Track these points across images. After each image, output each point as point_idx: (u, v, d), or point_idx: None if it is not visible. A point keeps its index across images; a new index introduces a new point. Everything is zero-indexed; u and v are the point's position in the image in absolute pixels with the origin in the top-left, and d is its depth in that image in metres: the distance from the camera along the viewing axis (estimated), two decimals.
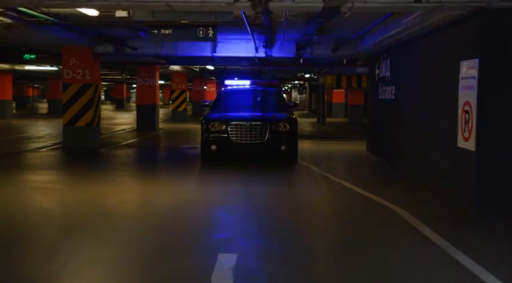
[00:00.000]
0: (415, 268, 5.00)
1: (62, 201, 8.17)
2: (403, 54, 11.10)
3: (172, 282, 4.63)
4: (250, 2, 6.69)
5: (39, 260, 5.15)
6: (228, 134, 11.27)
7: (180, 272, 4.83)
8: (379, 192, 8.50)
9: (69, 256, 5.22)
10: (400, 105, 11.39)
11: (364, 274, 4.85)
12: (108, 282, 4.68)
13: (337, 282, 4.71)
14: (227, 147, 11.38)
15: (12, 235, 6.06)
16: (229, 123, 11.35)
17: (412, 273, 4.85)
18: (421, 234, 6.10)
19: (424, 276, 4.78)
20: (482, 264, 4.94)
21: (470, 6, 6.85)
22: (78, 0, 6.77)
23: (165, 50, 14.49)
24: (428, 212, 7.26)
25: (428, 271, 4.89)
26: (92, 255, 5.32)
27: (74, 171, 11.39)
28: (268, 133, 11.25)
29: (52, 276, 4.73)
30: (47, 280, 4.64)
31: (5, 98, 31.51)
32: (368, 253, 5.48)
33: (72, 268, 4.92)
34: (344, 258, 5.40)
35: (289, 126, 11.53)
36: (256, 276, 4.77)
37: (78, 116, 15.25)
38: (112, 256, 5.30)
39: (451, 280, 4.69)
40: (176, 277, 4.71)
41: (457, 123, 7.72)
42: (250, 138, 11.26)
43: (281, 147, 11.31)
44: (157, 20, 8.42)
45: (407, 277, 4.77)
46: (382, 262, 5.19)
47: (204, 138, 11.56)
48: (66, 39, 13.19)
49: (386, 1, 6.75)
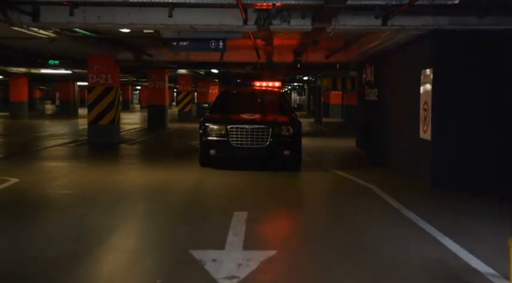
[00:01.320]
0: (376, 219, 7.04)
1: (106, 180, 10.22)
2: (383, 63, 13.16)
3: (205, 224, 6.66)
4: (256, 25, 8.74)
5: (113, 212, 7.21)
6: (227, 138, 10.83)
7: (210, 220, 6.88)
8: (359, 174, 10.59)
9: (129, 209, 7.28)
10: (380, 105, 13.45)
11: (340, 223, 6.89)
12: (159, 224, 6.71)
13: (322, 224, 6.76)
14: (227, 152, 10.93)
15: (87, 200, 8.11)
16: (229, 126, 10.89)
17: (374, 223, 6.88)
18: (384, 201, 8.14)
19: (381, 225, 6.80)
20: (422, 216, 6.97)
21: (425, 29, 8.90)
22: (123, 23, 8.83)
23: (179, 57, 16.47)
24: (394, 187, 9.31)
25: (385, 222, 6.91)
26: (143, 208, 7.39)
27: (107, 160, 13.43)
28: (270, 137, 10.78)
29: (122, 222, 6.78)
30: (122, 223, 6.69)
31: (22, 99, 33.58)
32: (345, 212, 7.54)
33: (134, 216, 6.98)
34: (328, 212, 7.46)
35: (293, 130, 11.05)
36: (262, 223, 6.81)
37: (101, 115, 17.30)
38: (156, 210, 7.38)
39: (398, 227, 6.72)
40: (208, 222, 6.75)
41: (419, 119, 9.78)
42: (251, 143, 10.81)
43: (284, 152, 10.83)
44: (180, 37, 10.48)
45: (370, 225, 6.80)
46: (354, 216, 7.24)
47: (203, 142, 11.16)
48: (94, 49, 15.24)
49: (360, 24, 8.79)
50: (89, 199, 8.27)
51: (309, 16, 8.57)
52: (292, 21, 8.69)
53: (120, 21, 8.65)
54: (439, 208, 7.65)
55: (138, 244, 5.96)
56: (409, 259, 5.29)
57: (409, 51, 10.61)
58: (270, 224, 6.92)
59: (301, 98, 56.10)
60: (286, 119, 11.52)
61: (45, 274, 4.76)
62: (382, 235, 6.25)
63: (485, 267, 4.93)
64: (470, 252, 5.40)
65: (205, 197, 8.73)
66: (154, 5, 7.94)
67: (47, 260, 5.13)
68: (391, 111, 12.32)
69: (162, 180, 10.16)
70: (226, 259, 5.14)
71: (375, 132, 14.00)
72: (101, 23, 8.85)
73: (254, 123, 10.93)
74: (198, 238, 5.97)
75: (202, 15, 8.45)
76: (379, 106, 13.62)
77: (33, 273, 4.77)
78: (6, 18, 8.56)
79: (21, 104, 33.49)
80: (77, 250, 5.52)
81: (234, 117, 11.26)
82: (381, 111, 13.35)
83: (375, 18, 8.27)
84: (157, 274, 4.78)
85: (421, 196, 8.59)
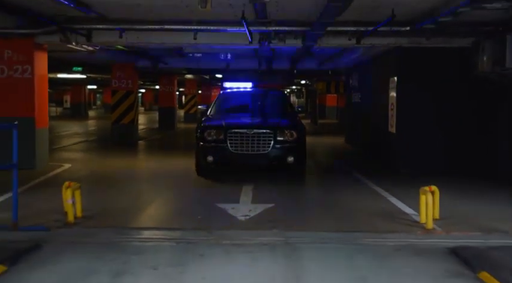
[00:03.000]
0: (350, 189, 9.58)
1: (139, 164, 12.76)
2: (364, 70, 15.73)
3: (224, 192, 9.18)
4: (259, 43, 11.28)
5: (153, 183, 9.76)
6: (226, 144, 10.12)
7: (226, 189, 9.41)
8: (342, 162, 13.14)
9: (164, 182, 9.84)
10: (362, 106, 16.01)
11: (323, 191, 9.44)
12: (190, 191, 9.22)
13: (309, 192, 9.30)
14: (225, 159, 10.23)
15: (128, 176, 10.65)
16: (228, 131, 10.17)
17: (348, 191, 9.42)
18: (360, 180, 10.66)
19: (353, 192, 9.32)
20: (382, 187, 9.51)
21: (390, 46, 11.45)
22: (157, 42, 11.37)
23: (191, 64, 18.99)
24: (368, 169, 11.85)
25: (356, 191, 9.44)
26: (173, 182, 9.94)
27: (133, 152, 16.00)
28: (272, 142, 10.11)
29: (162, 190, 9.33)
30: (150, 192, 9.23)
31: None
32: (331, 188, 10.09)
33: (169, 186, 9.53)
34: (314, 184, 10.02)
35: (297, 134, 10.37)
36: (264, 191, 9.34)
37: (122, 116, 19.83)
38: (184, 183, 9.92)
39: (364, 193, 9.24)
40: (225, 190, 9.27)
41: (388, 117, 12.34)
42: (252, 148, 10.12)
43: (287, 158, 10.14)
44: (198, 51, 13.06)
45: (345, 192, 9.34)
46: (334, 187, 9.82)
47: (199, 148, 10.45)
48: (119, 58, 17.78)
49: (340, 43, 11.32)
50: (130, 175, 10.86)
51: (300, 37, 11.11)
52: (287, 41, 11.23)
53: (154, 41, 11.21)
54: (395, 182, 10.18)
55: (179, 202, 8.52)
56: (366, 208, 7.86)
57: (381, 62, 13.19)
58: (270, 192, 9.46)
59: (300, 100, 58.69)
60: (290, 122, 10.82)
61: (124, 215, 7.32)
62: (351, 198, 8.80)
63: (411, 210, 7.52)
64: (404, 203, 7.99)
65: (220, 176, 11.17)
66: (183, 31, 10.47)
67: (121, 208, 7.71)
68: (370, 111, 14.87)
69: (181, 165, 12.65)
70: (241, 208, 7.71)
71: (359, 128, 16.55)
72: (139, 42, 11.41)
73: (255, 127, 10.24)
74: (220, 199, 8.49)
75: (219, 37, 11.00)
76: (362, 107, 16.18)
77: (116, 214, 7.34)
78: (66, 38, 11.09)
79: None
80: (137, 204, 8.10)
81: (234, 121, 10.64)
82: (363, 111, 15.91)
83: (349, 40, 10.83)
84: (198, 214, 7.35)
85: (386, 175, 11.13)
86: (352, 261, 5.39)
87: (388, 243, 6.04)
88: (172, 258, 5.42)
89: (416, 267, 5.23)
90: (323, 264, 5.28)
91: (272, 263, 5.29)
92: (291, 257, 5.47)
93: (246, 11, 8.68)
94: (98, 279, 4.79)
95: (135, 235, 6.32)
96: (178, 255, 5.50)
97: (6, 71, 11.35)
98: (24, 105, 11.35)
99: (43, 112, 11.97)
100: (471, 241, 5.98)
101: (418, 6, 8.37)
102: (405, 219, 7.22)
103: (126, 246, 5.83)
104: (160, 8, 9.25)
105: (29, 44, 11.25)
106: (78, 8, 8.68)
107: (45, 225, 6.53)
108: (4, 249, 5.44)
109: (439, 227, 6.67)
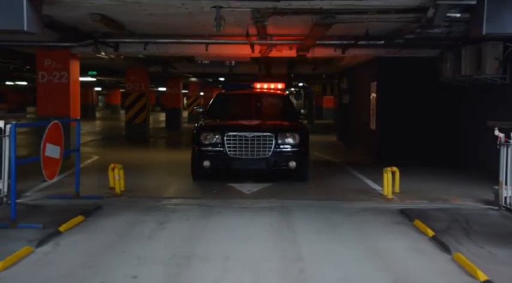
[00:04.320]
0: (338, 178, 11.65)
1: (156, 156, 14.85)
2: (353, 75, 17.84)
3: (231, 176, 11.26)
4: (260, 53, 13.37)
5: (171, 171, 11.84)
6: (224, 148, 9.70)
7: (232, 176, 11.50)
8: (333, 156, 15.28)
9: (180, 170, 11.94)
10: (351, 107, 18.12)
11: (312, 177, 11.53)
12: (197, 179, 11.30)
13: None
14: (223, 164, 9.78)
15: (149, 164, 12.74)
16: (227, 134, 9.75)
17: (332, 176, 11.51)
18: (344, 168, 12.76)
19: (337, 176, 11.42)
20: (361, 173, 11.61)
21: (371, 56, 13.56)
22: (173, 52, 13.47)
23: (198, 69, 21.10)
24: (351, 160, 13.95)
25: (339, 175, 11.54)
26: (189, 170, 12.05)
27: (147, 147, 18.09)
28: (274, 146, 9.70)
29: (180, 176, 11.41)
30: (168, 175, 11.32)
31: None
32: (321, 174, 12.17)
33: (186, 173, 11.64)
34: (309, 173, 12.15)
35: (299, 138, 9.98)
36: (266, 178, 11.41)
37: (135, 116, 21.94)
38: None
39: (346, 177, 11.31)
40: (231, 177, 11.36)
41: (371, 116, 14.44)
42: (251, 153, 9.70)
43: (289, 163, 9.75)
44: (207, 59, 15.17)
45: (330, 177, 11.43)
46: (321, 175, 11.89)
47: (195, 153, 9.99)
48: (133, 63, 19.88)
49: (328, 53, 13.42)
50: (150, 164, 12.96)
51: (294, 48, 13.20)
52: (283, 51, 13.33)
53: (172, 51, 13.32)
54: (373, 170, 12.21)
55: (196, 182, 10.59)
56: (346, 187, 9.96)
57: (365, 69, 15.30)
58: (269, 178, 11.53)
59: (299, 101, 60.78)
60: (292, 125, 10.49)
61: (155, 190, 9.44)
62: (336, 181, 10.89)
63: (379, 187, 9.61)
64: (376, 183, 10.10)
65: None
66: (197, 43, 12.55)
67: (151, 186, 9.84)
68: (358, 111, 16.97)
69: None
70: (246, 186, 9.80)
71: (349, 127, 18.66)
72: (158, 52, 13.51)
73: (255, 131, 9.77)
74: (229, 181, 10.55)
75: (226, 48, 13.09)
76: (351, 107, 18.28)
77: (149, 189, 9.45)
78: (97, 49, 13.14)
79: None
80: (163, 183, 10.24)
81: (232, 123, 10.20)
82: (352, 111, 18.01)
83: (335, 51, 12.93)
84: (213, 189, 9.47)
85: (367, 165, 13.23)
86: (328, 216, 7.48)
87: (357, 206, 8.15)
88: (198, 214, 7.52)
89: (374, 219, 7.33)
90: (307, 218, 7.37)
91: (270, 217, 7.39)
92: (283, 214, 7.56)
93: (250, 29, 10.76)
94: (148, 225, 6.88)
95: (168, 201, 8.43)
96: (203, 213, 7.60)
97: (46, 76, 13.44)
98: (61, 106, 13.42)
99: (76, 111, 14.05)
100: (417, 206, 8.09)
101: (386, 27, 10.42)
102: (373, 193, 9.34)
103: (163, 208, 7.94)
104: (180, 27, 11.32)
105: (66, 54, 13.35)
106: (115, 29, 10.75)
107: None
108: (76, 208, 7.52)
109: (397, 197, 8.77)
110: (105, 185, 9.23)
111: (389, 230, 6.75)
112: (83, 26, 11.45)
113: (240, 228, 6.80)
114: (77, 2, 8.24)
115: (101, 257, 5.50)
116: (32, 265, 5.23)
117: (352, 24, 9.44)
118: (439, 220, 7.01)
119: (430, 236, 6.30)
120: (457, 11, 7.90)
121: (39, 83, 13.50)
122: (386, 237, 6.40)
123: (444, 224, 6.81)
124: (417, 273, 5.11)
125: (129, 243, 6.03)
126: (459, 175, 11.21)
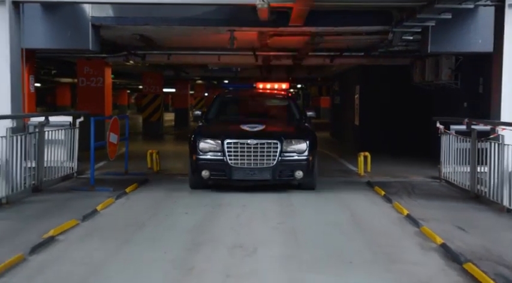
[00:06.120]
0: (328, 163, 14.37)
1: (171, 148, 17.60)
2: (342, 79, 20.63)
3: None
4: (262, 62, 16.15)
5: None
6: (224, 156, 8.95)
7: None
8: (325, 148, 18.01)
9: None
10: (341, 107, 20.90)
11: None
12: None
13: None
14: (223, 173, 9.02)
15: (170, 154, 15.48)
16: (227, 141, 8.99)
17: (328, 165, 14.23)
18: (333, 157, 15.52)
19: (326, 163, 14.15)
20: (345, 160, 14.36)
21: (354, 64, 16.33)
22: (190, 62, 16.24)
23: (207, 73, 23.87)
24: (340, 152, 16.71)
25: (327, 162, 14.27)
26: None
27: (163, 141, 20.84)
28: (278, 155, 8.94)
29: None
30: None
31: (65, 104, 41.02)
32: None
33: None
34: None
35: (307, 145, 9.17)
36: None
37: (151, 114, 24.70)
38: None
39: (333, 163, 14.05)
40: None
41: (355, 114, 17.22)
42: (254, 162, 8.95)
43: (295, 173, 9.03)
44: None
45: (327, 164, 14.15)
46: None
47: (192, 161, 9.20)
48: (151, 68, 22.63)
49: (318, 62, 16.19)
50: (171, 153, 15.72)
51: (291, 58, 15.97)
52: (282, 60, 16.11)
53: (190, 60, 16.12)
54: (354, 157, 15.00)
55: None
56: (331, 168, 12.70)
57: (351, 74, 18.09)
58: None
59: (298, 102, 63.55)
60: (298, 130, 9.90)
61: (183, 169, 12.18)
62: (324, 164, 13.58)
63: (356, 168, 12.34)
64: (354, 166, 12.84)
65: None
66: (211, 54, 15.33)
67: (179, 168, 12.57)
68: (346, 110, 19.74)
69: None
70: None
71: (340, 124, 21.44)
72: (178, 61, 16.29)
73: (258, 137, 9.03)
74: None
75: (235, 57, 15.86)
76: (341, 107, 21.07)
77: (178, 170, 12.20)
78: (126, 59, 15.94)
79: (66, 107, 40.89)
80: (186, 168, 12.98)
81: (233, 129, 9.44)
82: (342, 110, 20.79)
83: (324, 60, 15.72)
84: None
85: (350, 154, 15.95)
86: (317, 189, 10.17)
87: (337, 180, 10.90)
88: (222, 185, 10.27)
89: (346, 187, 10.10)
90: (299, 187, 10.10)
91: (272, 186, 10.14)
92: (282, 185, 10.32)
93: (255, 45, 13.53)
94: (186, 188, 9.59)
95: None
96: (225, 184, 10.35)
97: (85, 81, 16.23)
98: (97, 106, 16.18)
99: (109, 109, 16.80)
100: (381, 180, 10.82)
101: (362, 43, 13.21)
102: (351, 172, 12.14)
103: None
104: (198, 42, 14.09)
105: (102, 63, 16.13)
106: (148, 43, 13.52)
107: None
108: (129, 180, 10.25)
109: (367, 175, 11.53)
110: (142, 167, 11.97)
111: (356, 192, 9.52)
112: (121, 41, 14.22)
113: (252, 187, 9.40)
114: (126, 28, 11.04)
115: (161, 204, 8.29)
116: (116, 209, 8.00)
117: (335, 41, 12.24)
118: (393, 187, 9.78)
119: (382, 195, 9.07)
120: (410, 35, 10.68)
121: (79, 86, 16.29)
122: (352, 196, 9.16)
123: (395, 190, 9.58)
124: (366, 212, 7.91)
125: (176, 198, 8.83)
126: (424, 161, 13.94)
